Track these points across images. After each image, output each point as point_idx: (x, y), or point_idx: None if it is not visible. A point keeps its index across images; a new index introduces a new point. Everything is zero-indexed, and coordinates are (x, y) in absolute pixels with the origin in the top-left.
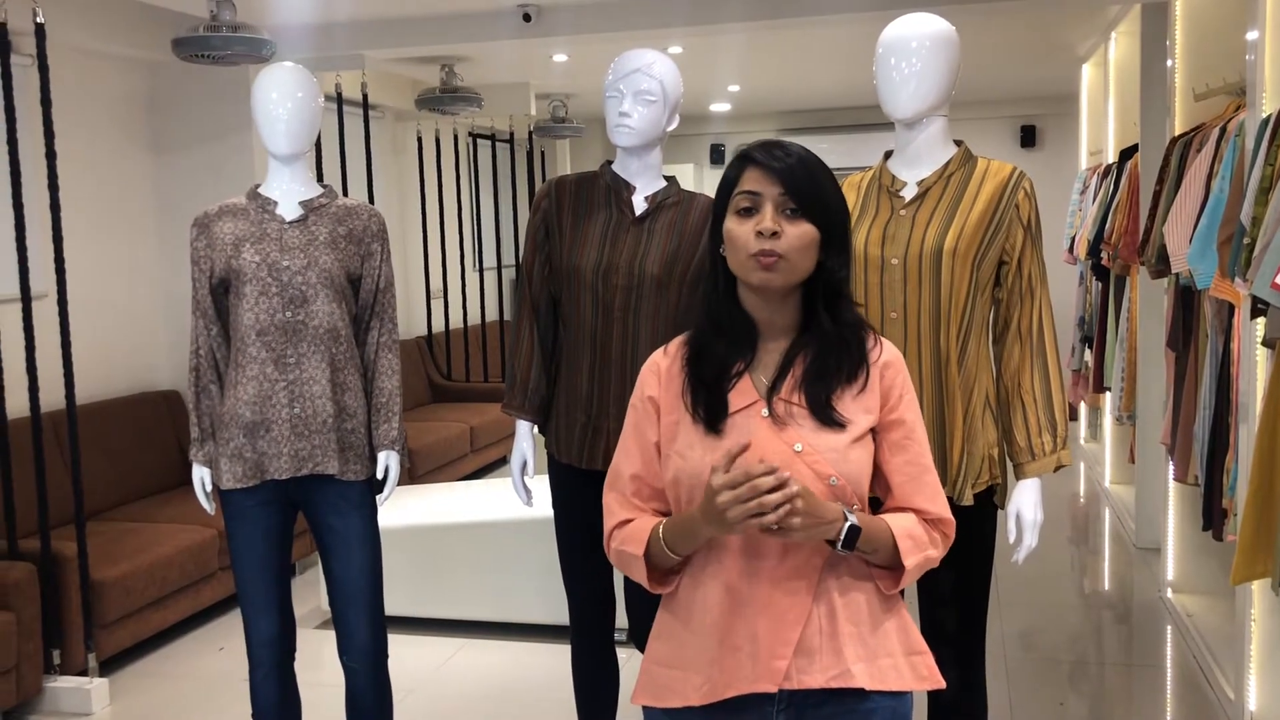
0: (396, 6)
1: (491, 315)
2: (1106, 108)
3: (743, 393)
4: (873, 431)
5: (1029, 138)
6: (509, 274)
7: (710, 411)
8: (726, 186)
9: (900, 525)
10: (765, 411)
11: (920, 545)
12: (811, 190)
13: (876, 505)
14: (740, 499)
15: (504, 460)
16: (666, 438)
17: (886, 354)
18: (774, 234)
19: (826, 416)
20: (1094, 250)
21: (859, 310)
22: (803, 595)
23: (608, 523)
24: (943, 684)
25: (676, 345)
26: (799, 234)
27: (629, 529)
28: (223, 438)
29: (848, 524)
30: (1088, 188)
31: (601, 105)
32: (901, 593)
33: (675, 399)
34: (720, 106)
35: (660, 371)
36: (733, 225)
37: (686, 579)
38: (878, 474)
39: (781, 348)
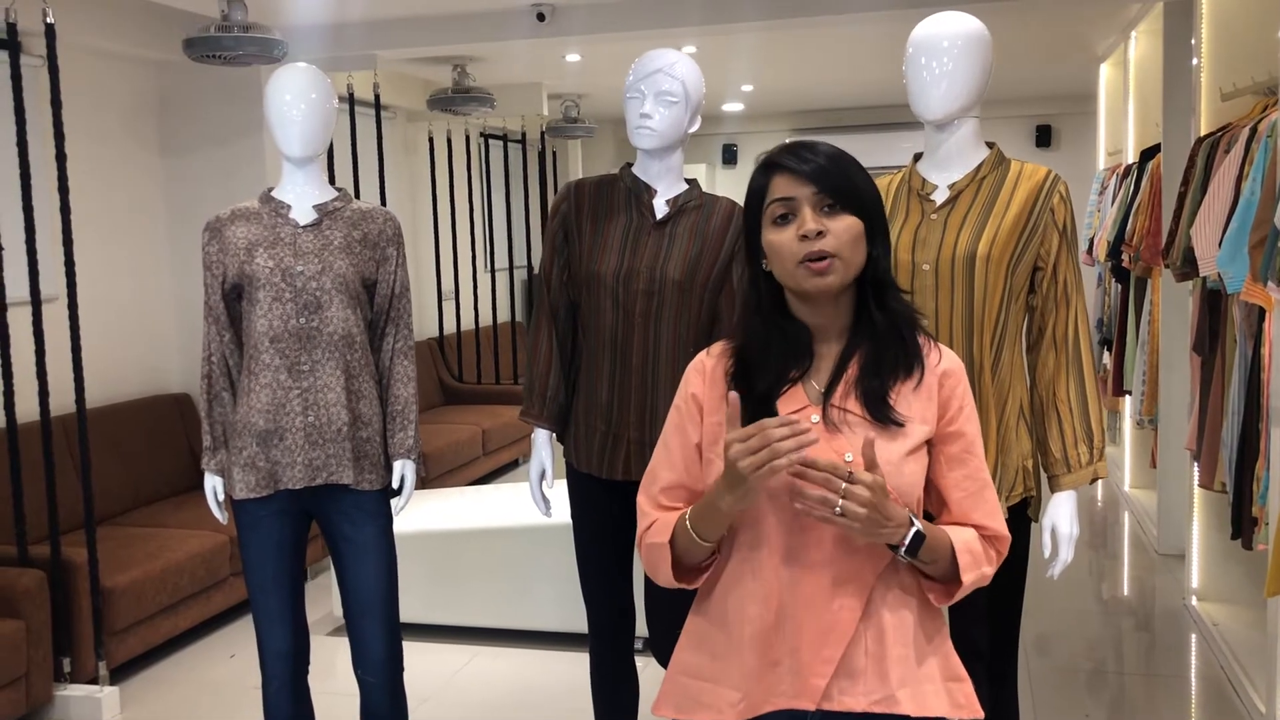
0: (409, 6)
1: (503, 317)
2: (1126, 107)
3: (793, 397)
4: (928, 444)
5: (1044, 138)
6: (520, 275)
7: (756, 419)
8: (756, 198)
9: (961, 538)
10: (816, 417)
11: (978, 561)
12: (845, 182)
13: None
14: (751, 449)
15: (516, 463)
16: (709, 439)
17: (946, 362)
18: (819, 234)
19: (882, 414)
20: (1114, 252)
21: (907, 299)
22: (851, 610)
23: (641, 524)
24: (980, 713)
25: (721, 347)
26: (844, 228)
27: (658, 522)
28: (235, 446)
29: (914, 529)
30: (1106, 188)
31: (614, 105)
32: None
33: (719, 400)
34: (733, 106)
35: (705, 371)
36: (773, 236)
37: (723, 586)
38: (932, 488)
39: (837, 350)
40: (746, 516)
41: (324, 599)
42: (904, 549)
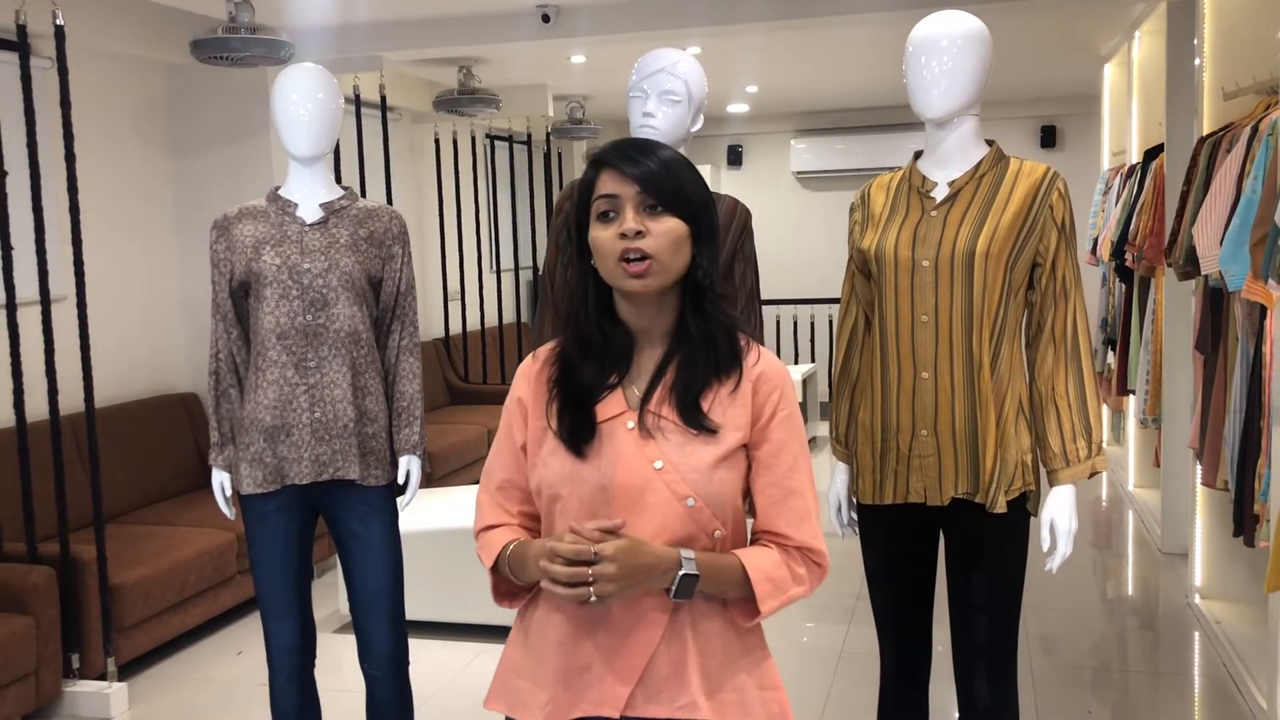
0: (415, 8)
1: (509, 317)
2: (1130, 107)
3: (613, 403)
4: (746, 449)
5: (1049, 138)
6: (526, 275)
7: (574, 433)
8: (584, 195)
9: (759, 566)
10: (632, 423)
11: (781, 588)
12: (670, 183)
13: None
14: (548, 574)
15: None
16: (533, 442)
17: (763, 365)
18: (638, 233)
19: (695, 421)
20: (1118, 251)
21: (728, 308)
22: (654, 623)
23: (476, 523)
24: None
25: (547, 351)
26: (665, 230)
27: (489, 536)
28: (243, 442)
29: (680, 574)
30: (1110, 188)
31: (619, 107)
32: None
33: (543, 407)
34: (738, 107)
35: (530, 376)
36: (596, 232)
37: (539, 590)
38: (749, 494)
39: (657, 355)
40: None
41: (330, 597)
42: (671, 592)
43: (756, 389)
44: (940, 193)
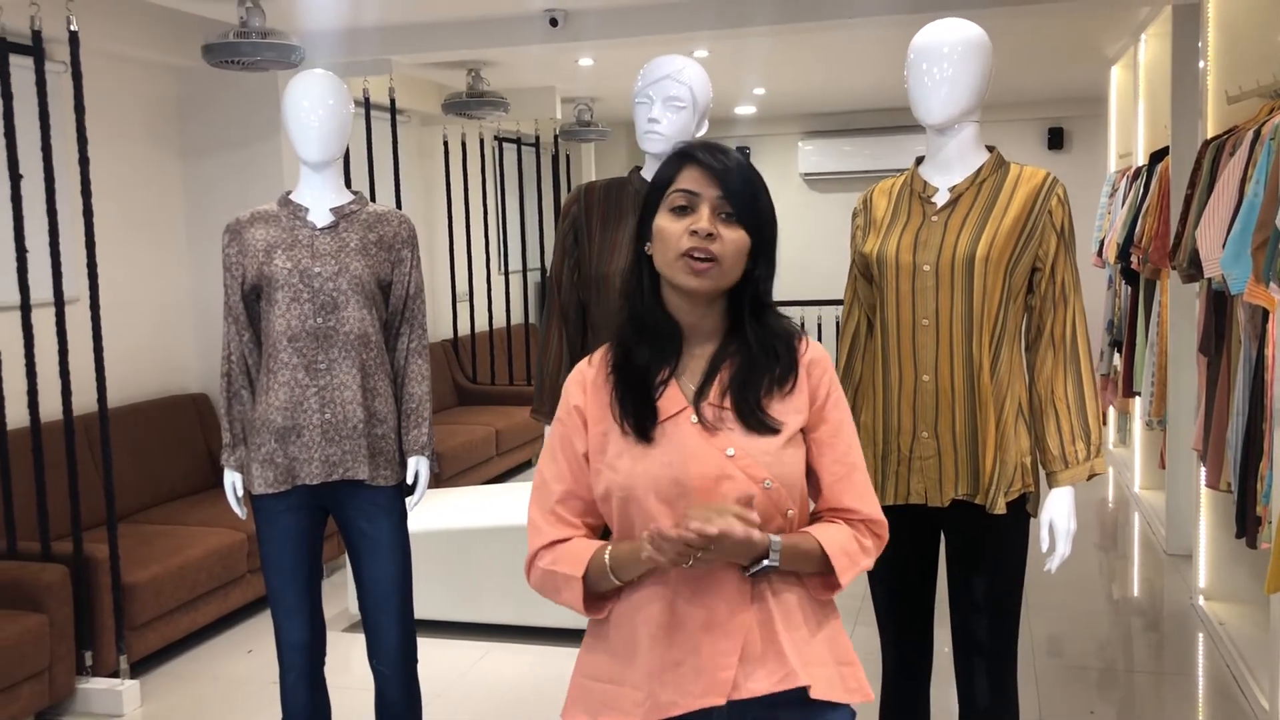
0: (424, 12)
1: (516, 318)
2: (1136, 110)
3: (671, 400)
4: (804, 432)
5: (1056, 140)
6: (534, 277)
7: (639, 420)
8: (662, 183)
9: (834, 541)
10: (694, 418)
11: (854, 559)
12: (749, 196)
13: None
14: (672, 552)
15: (529, 463)
16: (595, 449)
17: (813, 351)
18: (709, 235)
19: (756, 422)
20: (1123, 254)
21: (785, 321)
22: (740, 603)
23: (534, 541)
24: (871, 697)
25: (601, 354)
26: (734, 239)
27: (563, 550)
28: (254, 443)
29: (767, 555)
30: (1117, 190)
31: (626, 109)
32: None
33: (603, 409)
34: (745, 109)
35: (586, 381)
36: (666, 222)
37: (623, 592)
38: (810, 475)
39: (707, 353)
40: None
41: (339, 596)
42: (750, 569)
43: (809, 373)
44: (941, 198)
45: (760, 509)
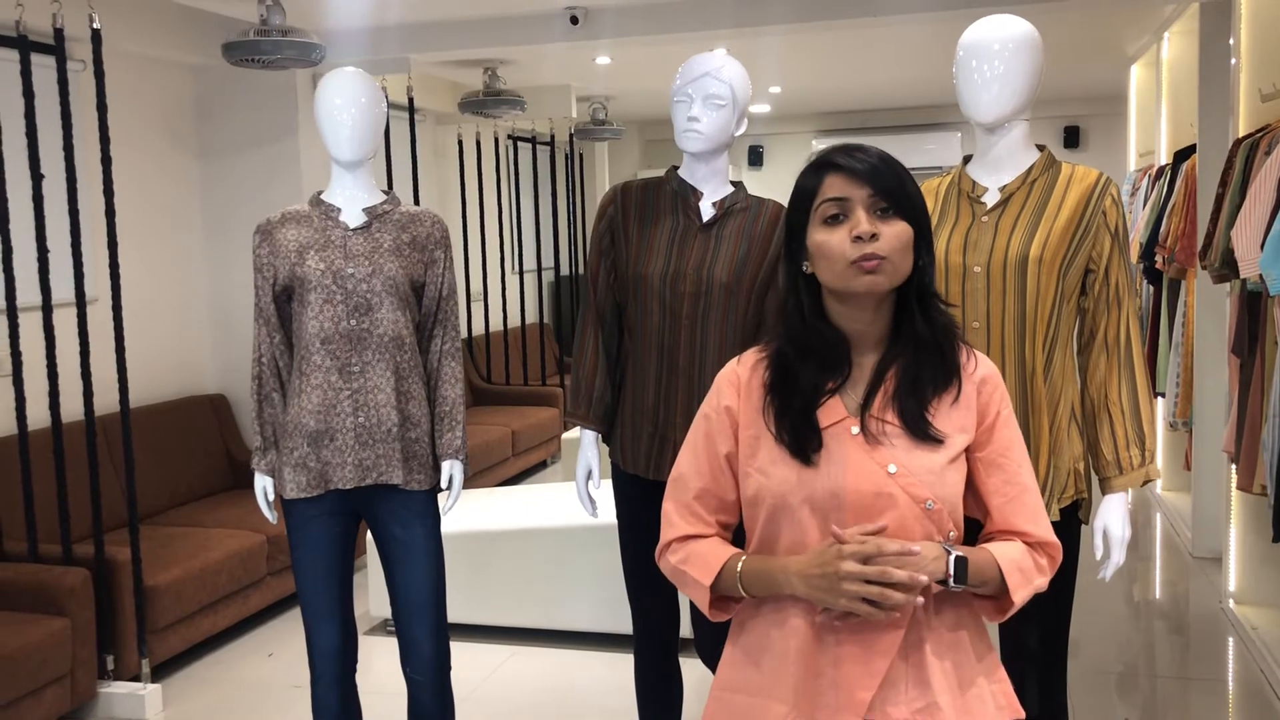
0: (444, 10)
1: (531, 318)
2: (1158, 108)
3: (832, 409)
4: (966, 451)
5: (1073, 139)
6: (549, 276)
7: (798, 437)
8: (805, 197)
9: (1008, 556)
10: (856, 429)
11: (1029, 577)
12: (899, 187)
13: (972, 528)
14: (865, 577)
15: (545, 464)
16: (745, 453)
17: (983, 369)
18: (873, 236)
19: (921, 431)
20: (1147, 253)
21: (950, 311)
22: (896, 623)
23: (666, 533)
24: (1021, 713)
25: (753, 357)
26: (896, 233)
27: (696, 548)
28: (286, 447)
29: (952, 557)
30: (1138, 190)
31: (640, 107)
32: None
33: (755, 413)
34: (760, 108)
35: (739, 382)
36: (822, 236)
37: (766, 601)
38: (974, 496)
39: (873, 361)
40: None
41: (360, 598)
42: (951, 580)
43: (980, 390)
44: (991, 198)
45: (921, 530)
